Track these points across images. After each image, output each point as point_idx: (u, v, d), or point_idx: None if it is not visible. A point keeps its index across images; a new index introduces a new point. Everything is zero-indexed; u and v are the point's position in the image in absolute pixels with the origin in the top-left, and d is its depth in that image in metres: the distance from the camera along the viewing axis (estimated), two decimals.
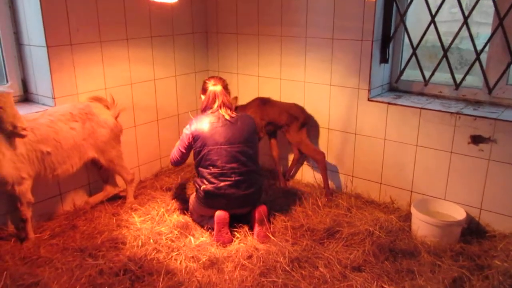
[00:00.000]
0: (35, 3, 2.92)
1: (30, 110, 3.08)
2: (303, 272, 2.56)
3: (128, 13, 3.41)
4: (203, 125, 2.95)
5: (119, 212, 3.23)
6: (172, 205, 3.28)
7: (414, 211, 2.95)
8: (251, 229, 2.98)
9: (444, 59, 3.16)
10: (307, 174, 3.81)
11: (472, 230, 2.99)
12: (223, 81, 3.11)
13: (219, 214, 2.87)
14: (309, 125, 3.57)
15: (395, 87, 3.54)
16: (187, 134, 3.00)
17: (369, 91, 3.30)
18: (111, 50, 3.37)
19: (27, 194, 2.79)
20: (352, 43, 3.29)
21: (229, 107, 3.03)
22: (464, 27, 3.02)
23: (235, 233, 2.97)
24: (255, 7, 3.73)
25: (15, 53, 3.21)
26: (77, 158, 3.00)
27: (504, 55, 2.98)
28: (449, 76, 3.22)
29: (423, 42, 3.26)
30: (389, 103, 3.23)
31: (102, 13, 3.24)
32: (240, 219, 3.05)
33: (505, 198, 2.88)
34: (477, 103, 3.15)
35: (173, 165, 3.21)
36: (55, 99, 3.10)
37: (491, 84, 3.06)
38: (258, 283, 2.47)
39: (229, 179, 2.89)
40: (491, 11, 3.00)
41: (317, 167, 3.59)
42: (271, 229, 2.99)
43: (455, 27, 3.09)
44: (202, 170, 2.95)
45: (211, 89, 3.03)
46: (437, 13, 3.11)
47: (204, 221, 3.04)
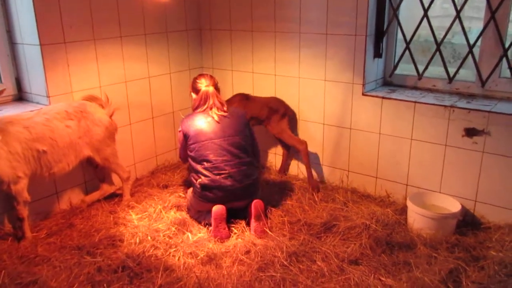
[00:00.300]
0: (27, 1, 2.90)
1: (24, 109, 3.07)
2: (301, 266, 2.57)
3: (121, 10, 3.40)
4: (193, 122, 3.02)
5: (116, 210, 3.23)
6: (169, 202, 3.28)
7: (409, 204, 2.98)
8: (248, 224, 2.99)
9: (437, 53, 3.18)
10: (303, 169, 3.81)
11: (467, 222, 3.02)
12: (214, 80, 3.14)
13: (216, 209, 2.88)
14: (290, 116, 3.64)
15: (389, 82, 3.56)
16: (179, 133, 3.11)
17: (364, 85, 3.32)
18: (105, 48, 3.35)
19: (23, 193, 2.77)
20: (346, 38, 3.30)
21: (220, 107, 3.06)
22: (456, 22, 3.04)
23: (233, 228, 2.98)
24: (248, 3, 3.73)
25: (8, 52, 3.19)
26: (73, 156, 3.00)
27: (496, 49, 3.01)
28: (442, 70, 3.25)
29: (416, 37, 3.28)
30: (383, 98, 3.25)
31: (95, 10, 3.23)
32: (237, 214, 3.06)
33: (500, 190, 2.91)
34: (470, 96, 3.18)
35: (182, 162, 3.55)
36: (49, 97, 3.09)
37: (484, 77, 3.08)
38: (256, 277, 2.48)
39: (223, 172, 2.91)
40: (482, 6, 3.03)
41: (300, 158, 3.68)
42: (268, 224, 3.00)
43: (447, 22, 3.12)
44: (196, 165, 2.98)
45: (204, 90, 3.07)
46: (429, 7, 3.13)
47: (201, 217, 3.05)
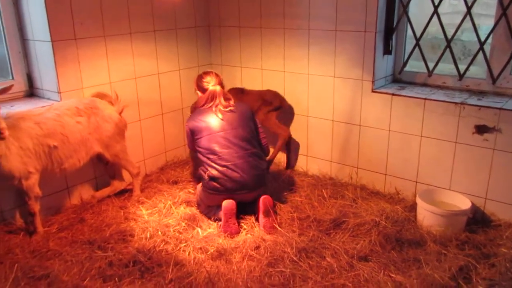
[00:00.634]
0: None
1: (35, 105, 3.09)
2: (311, 262, 2.58)
3: (131, 7, 3.42)
4: (199, 117, 3.07)
5: (126, 205, 3.25)
6: (178, 198, 3.30)
7: (419, 201, 2.97)
8: (257, 220, 3.00)
9: (447, 50, 3.17)
10: (312, 165, 3.82)
11: (477, 219, 3.01)
12: (219, 78, 3.18)
13: (227, 204, 2.89)
14: (283, 109, 3.69)
15: (399, 79, 3.55)
16: (187, 129, 3.16)
17: (373, 82, 3.31)
18: (115, 44, 3.37)
19: (34, 188, 2.80)
20: (355, 34, 3.30)
21: (226, 104, 3.09)
22: (466, 18, 3.03)
23: (242, 224, 2.99)
24: (257, 0, 3.73)
25: (20, 49, 3.22)
26: (83, 152, 3.02)
27: (507, 45, 2.99)
28: (452, 67, 3.23)
29: (424, 34, 3.27)
30: (393, 94, 3.24)
31: (105, 7, 3.25)
32: (246, 210, 3.07)
33: (510, 187, 2.89)
34: (481, 93, 3.16)
35: (192, 152, 3.50)
36: (60, 93, 3.11)
37: (495, 74, 3.07)
38: (266, 273, 2.49)
39: (229, 163, 2.94)
40: (492, 2, 3.01)
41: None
42: (278, 220, 3.01)
43: (456, 19, 3.10)
44: (204, 158, 3.02)
45: (211, 89, 3.11)
46: (439, 4, 3.11)
47: (211, 212, 3.06)
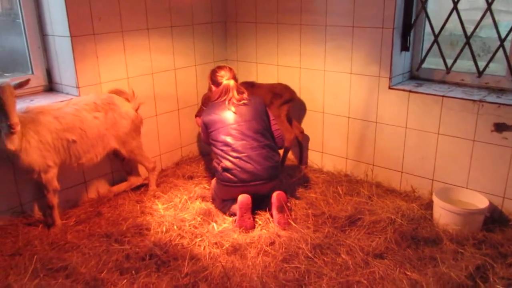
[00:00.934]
0: None
1: (55, 99, 3.14)
2: (326, 258, 2.58)
3: (148, 2, 3.44)
4: (213, 111, 3.10)
5: (142, 199, 3.29)
6: (194, 193, 3.32)
7: (436, 200, 2.95)
8: (271, 215, 3.01)
9: (466, 47, 3.13)
10: (327, 162, 3.82)
11: (494, 218, 2.98)
12: (233, 72, 3.20)
13: (242, 198, 2.91)
14: (294, 102, 3.69)
15: (416, 75, 3.51)
16: (201, 123, 3.19)
17: (390, 79, 3.29)
18: (132, 39, 3.40)
19: (53, 181, 2.85)
20: (372, 31, 3.27)
21: (239, 98, 3.11)
22: (486, 15, 2.98)
23: (257, 219, 3.00)
24: None
25: (40, 44, 3.26)
26: (101, 147, 3.05)
27: None
28: (471, 63, 3.19)
29: (442, 30, 3.23)
30: (410, 91, 3.21)
31: (123, 3, 3.27)
32: (260, 206, 3.08)
33: None
34: (500, 91, 3.11)
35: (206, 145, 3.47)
36: (79, 88, 3.15)
37: None
38: (281, 268, 2.50)
39: (242, 154, 2.96)
40: None
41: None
42: (292, 216, 3.01)
43: (474, 15, 3.06)
44: (217, 150, 3.05)
45: (225, 83, 3.13)
46: (459, 0, 3.07)
47: (226, 207, 3.08)
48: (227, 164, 2.96)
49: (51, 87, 3.38)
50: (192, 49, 3.88)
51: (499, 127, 2.89)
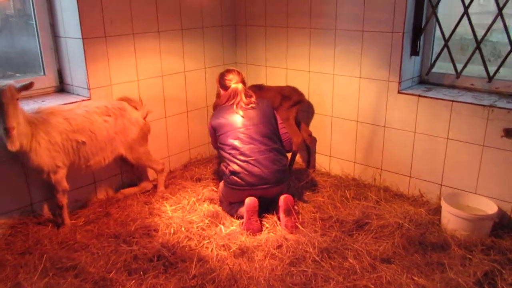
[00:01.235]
0: None
1: (66, 100, 3.17)
2: (333, 262, 2.58)
3: (159, 6, 3.47)
4: (221, 114, 3.12)
5: (150, 200, 3.31)
6: (202, 195, 3.34)
7: (444, 205, 2.93)
8: (279, 219, 3.02)
9: (476, 51, 3.12)
10: (335, 166, 3.81)
11: (503, 224, 2.96)
12: (241, 76, 3.22)
13: (249, 201, 2.92)
14: (302, 104, 3.69)
15: (426, 80, 3.50)
16: (209, 127, 3.20)
17: (400, 83, 3.28)
18: (143, 42, 3.43)
19: (62, 182, 2.88)
20: (382, 35, 3.27)
21: (247, 101, 3.12)
22: (496, 19, 2.97)
23: (264, 223, 3.01)
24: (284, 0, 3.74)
25: (52, 45, 3.30)
26: (109, 151, 3.08)
27: None
28: (481, 68, 3.17)
29: (452, 35, 3.22)
30: (419, 96, 3.21)
31: (134, 6, 3.31)
32: (268, 209, 3.09)
33: None
34: (510, 96, 3.09)
35: (215, 149, 3.53)
36: (90, 89, 3.19)
37: None
38: (288, 272, 2.50)
39: (250, 158, 2.97)
40: None
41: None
42: (300, 219, 3.02)
43: (485, 19, 3.05)
44: (225, 154, 3.06)
45: (234, 87, 3.15)
46: (470, 4, 3.06)
47: (233, 209, 3.09)
48: (235, 167, 2.98)
49: (62, 88, 3.42)
50: (202, 52, 3.91)
51: (509, 133, 2.87)
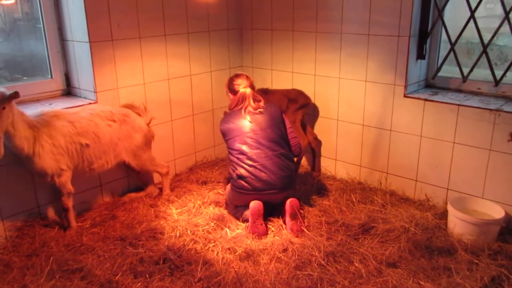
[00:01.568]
0: (79, 0, 3.02)
1: (73, 103, 3.19)
2: (338, 266, 2.57)
3: (166, 10, 3.49)
4: (230, 119, 3.12)
5: (156, 203, 3.32)
6: (208, 198, 3.35)
7: (450, 209, 2.92)
8: (284, 222, 3.01)
9: (483, 55, 3.11)
10: (341, 170, 3.81)
11: (510, 229, 2.94)
12: (250, 80, 3.22)
13: (254, 205, 2.92)
14: (308, 107, 3.69)
15: (432, 84, 3.50)
16: (220, 131, 3.20)
17: (406, 87, 3.28)
18: (149, 46, 3.45)
19: (66, 185, 2.88)
20: (388, 39, 3.27)
21: (255, 106, 3.12)
22: (503, 23, 2.96)
23: (270, 226, 3.01)
24: (290, 3, 3.74)
25: (59, 49, 3.32)
26: (112, 155, 3.08)
27: None
28: (487, 72, 3.17)
29: (459, 39, 3.21)
30: (425, 100, 3.20)
31: (141, 10, 3.33)
32: (274, 212, 3.09)
33: None
34: None
35: None
36: (96, 93, 3.20)
37: None
38: (293, 276, 2.50)
39: (257, 163, 2.97)
40: None
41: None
42: (305, 223, 3.01)
43: (491, 23, 3.04)
44: (233, 158, 3.07)
45: (242, 91, 3.15)
46: (476, 8, 3.06)
47: (239, 212, 3.10)
48: (242, 172, 2.98)
49: (69, 91, 3.44)
50: (208, 55, 3.92)
51: None
